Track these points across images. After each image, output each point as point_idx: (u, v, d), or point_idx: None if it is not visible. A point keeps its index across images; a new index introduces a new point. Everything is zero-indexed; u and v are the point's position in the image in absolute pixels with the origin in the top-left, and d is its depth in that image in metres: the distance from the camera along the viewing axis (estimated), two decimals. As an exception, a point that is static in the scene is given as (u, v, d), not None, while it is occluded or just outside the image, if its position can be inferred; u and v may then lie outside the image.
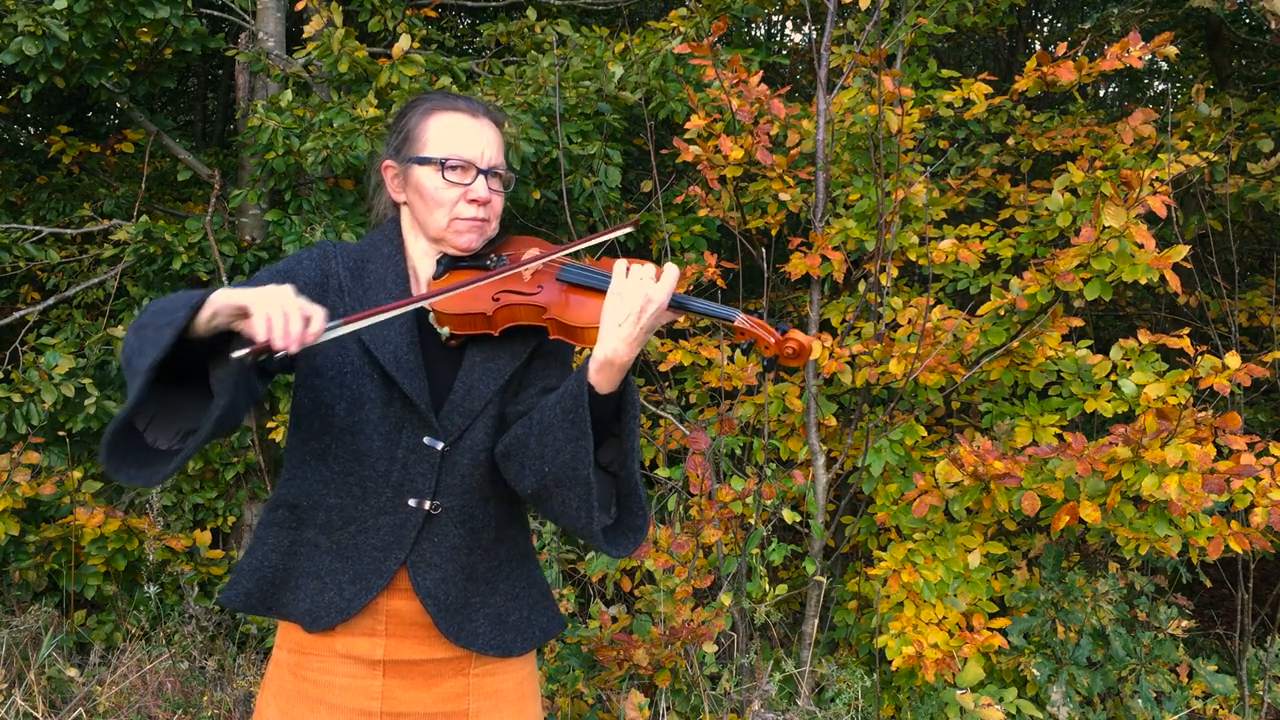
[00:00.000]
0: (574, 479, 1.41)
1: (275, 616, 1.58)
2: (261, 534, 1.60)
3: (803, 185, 3.32)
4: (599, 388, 1.41)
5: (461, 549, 1.55)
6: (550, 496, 1.46)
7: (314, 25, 3.63)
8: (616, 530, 1.48)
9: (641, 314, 1.38)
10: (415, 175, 1.57)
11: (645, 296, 1.38)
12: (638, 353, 1.40)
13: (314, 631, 1.54)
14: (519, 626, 1.61)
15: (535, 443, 1.45)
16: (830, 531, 3.24)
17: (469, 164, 1.55)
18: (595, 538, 1.43)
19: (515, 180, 1.70)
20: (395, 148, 1.62)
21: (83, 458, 3.89)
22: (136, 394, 1.24)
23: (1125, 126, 3.22)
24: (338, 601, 1.53)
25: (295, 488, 1.57)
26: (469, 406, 1.53)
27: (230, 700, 3.10)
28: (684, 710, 2.90)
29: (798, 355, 1.42)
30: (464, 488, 1.54)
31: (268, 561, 1.58)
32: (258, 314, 1.22)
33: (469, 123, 1.58)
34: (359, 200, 3.98)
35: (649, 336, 1.40)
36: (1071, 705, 2.94)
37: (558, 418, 1.42)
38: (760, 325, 1.44)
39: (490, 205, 1.57)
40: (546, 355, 1.60)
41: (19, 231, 3.89)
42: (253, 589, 1.57)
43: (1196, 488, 2.46)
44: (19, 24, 3.25)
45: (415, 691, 1.55)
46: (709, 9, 3.96)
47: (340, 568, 1.53)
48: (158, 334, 1.25)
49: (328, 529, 1.54)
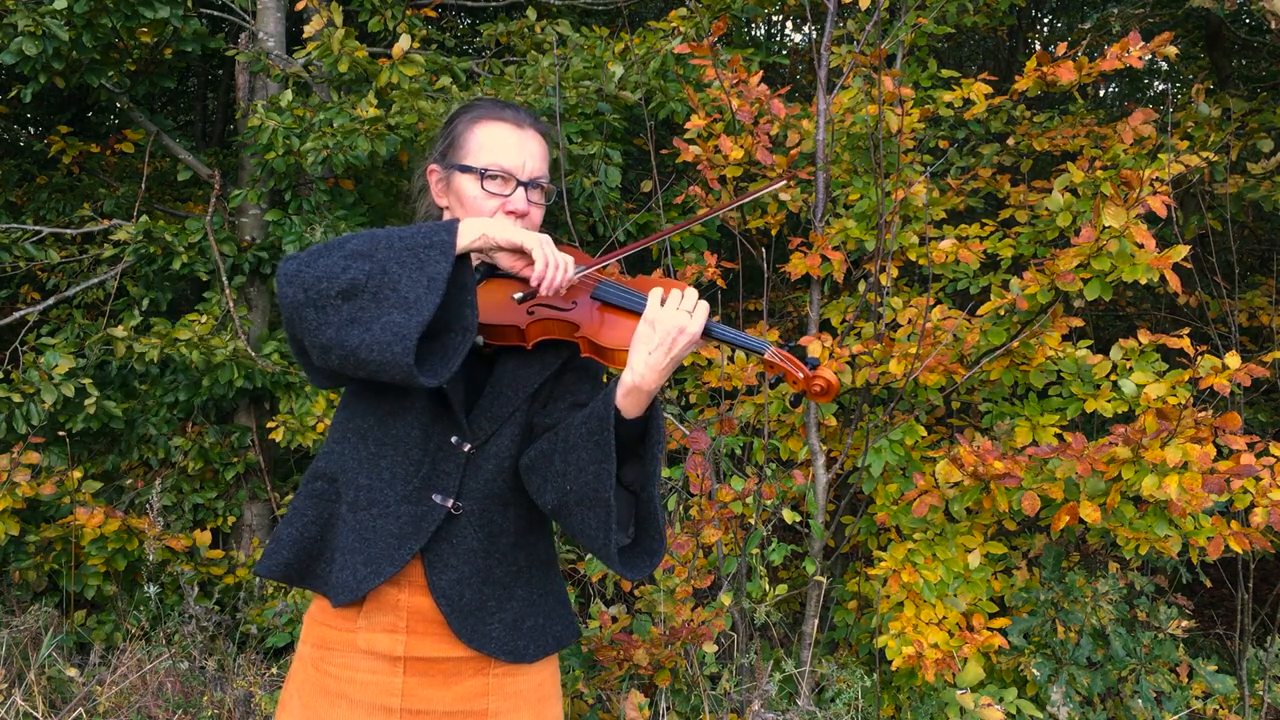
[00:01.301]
0: (594, 500, 1.42)
1: (308, 586, 1.61)
2: (300, 505, 1.62)
3: (803, 185, 3.32)
4: (626, 412, 1.42)
5: (479, 552, 1.56)
6: (570, 514, 1.47)
7: (314, 25, 3.63)
8: (633, 552, 1.49)
9: (674, 345, 1.39)
10: (457, 182, 1.58)
11: (679, 327, 1.39)
12: (666, 380, 1.41)
13: (336, 606, 1.56)
14: (533, 633, 1.62)
15: (559, 460, 1.46)
16: (830, 531, 3.24)
17: (509, 175, 1.56)
18: (611, 559, 1.45)
19: (555, 191, 1.72)
20: (441, 153, 1.63)
21: (82, 458, 3.90)
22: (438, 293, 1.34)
23: (1125, 126, 3.22)
24: (350, 581, 1.54)
25: (333, 461, 1.60)
26: (496, 412, 1.55)
27: (230, 700, 3.10)
28: (684, 710, 2.90)
29: (825, 393, 1.43)
30: (487, 492, 1.55)
31: (308, 533, 1.60)
32: (539, 257, 1.40)
33: (513, 134, 1.58)
34: (359, 200, 3.99)
35: (678, 364, 1.41)
36: (1071, 705, 2.94)
37: (582, 438, 1.43)
38: (789, 360, 1.45)
39: (528, 217, 1.58)
40: (578, 369, 1.61)
41: (19, 231, 3.89)
42: (292, 559, 1.60)
43: (1196, 488, 2.46)
44: (19, 24, 3.25)
45: (435, 689, 1.56)
46: (709, 9, 3.96)
47: (358, 548, 1.55)
48: (426, 252, 1.37)
49: (355, 507, 1.56)
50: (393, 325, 1.33)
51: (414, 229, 1.40)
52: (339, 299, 1.36)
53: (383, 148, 3.53)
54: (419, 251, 1.36)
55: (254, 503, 3.97)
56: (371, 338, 1.33)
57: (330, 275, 1.36)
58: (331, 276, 1.36)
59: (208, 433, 3.86)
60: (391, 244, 1.38)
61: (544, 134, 1.63)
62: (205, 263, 3.81)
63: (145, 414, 3.83)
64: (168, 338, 3.58)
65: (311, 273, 1.37)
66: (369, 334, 1.34)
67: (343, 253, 1.38)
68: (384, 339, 1.32)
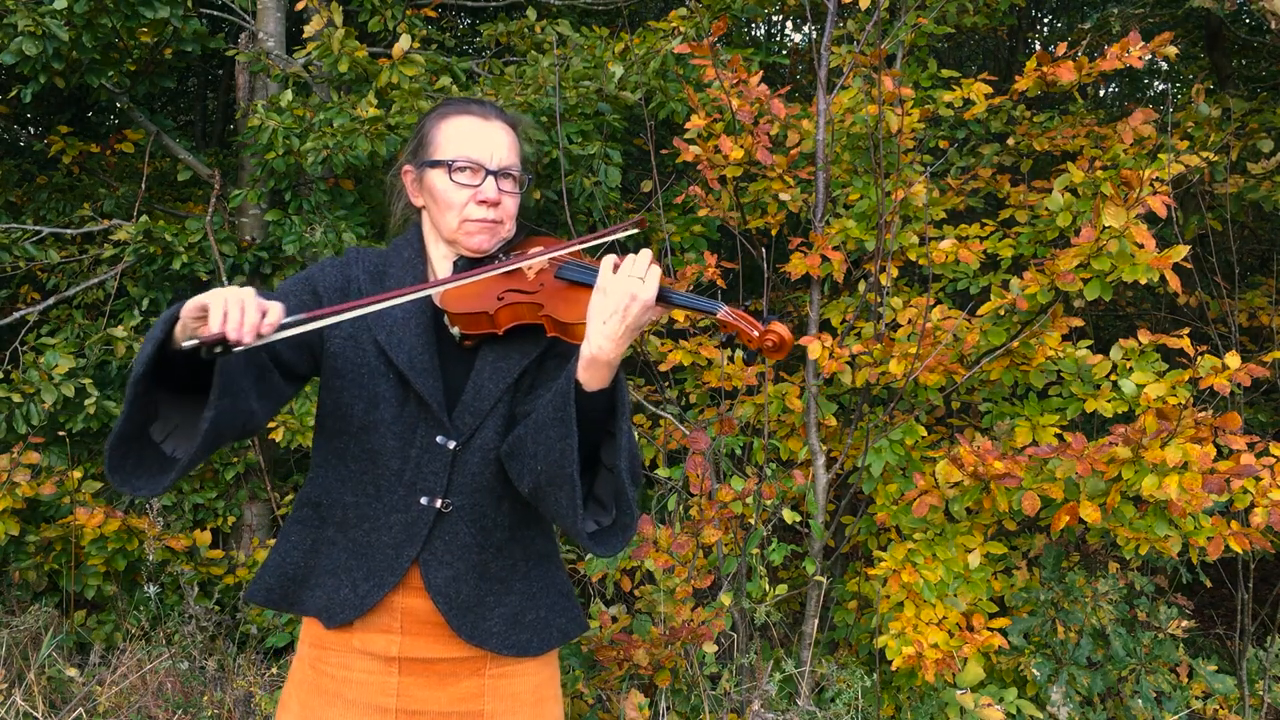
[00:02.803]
0: (561, 477, 1.42)
1: (295, 612, 1.62)
2: (287, 531, 1.63)
3: (803, 185, 3.32)
4: (587, 385, 1.41)
5: (473, 547, 1.56)
6: (545, 496, 1.46)
7: (314, 25, 3.63)
8: (605, 529, 1.47)
9: (626, 312, 1.38)
10: (429, 178, 1.59)
11: (630, 294, 1.38)
12: (624, 350, 1.40)
13: (331, 627, 1.57)
14: (535, 626, 1.62)
15: (530, 442, 1.46)
16: (830, 531, 3.24)
17: (477, 165, 1.57)
18: (581, 537, 1.44)
19: (530, 181, 1.72)
20: (412, 152, 1.65)
21: (82, 458, 3.89)
22: (126, 410, 1.31)
23: (1125, 126, 3.22)
24: (352, 598, 1.55)
25: (317, 487, 1.61)
26: (479, 406, 1.55)
27: (230, 700, 3.10)
28: (684, 710, 2.90)
29: (779, 348, 1.41)
30: (475, 486, 1.56)
31: (290, 559, 1.61)
32: (214, 307, 1.26)
33: (479, 125, 1.60)
34: (359, 200, 3.98)
35: (636, 333, 1.41)
36: (1071, 705, 2.94)
37: (549, 416, 1.43)
38: (743, 318, 1.44)
39: (501, 206, 1.59)
40: (559, 357, 1.61)
41: (19, 231, 3.89)
42: (274, 585, 1.61)
43: (1196, 488, 2.46)
44: (19, 24, 3.25)
45: (430, 690, 1.56)
46: (709, 9, 3.96)
47: (355, 565, 1.56)
48: (142, 350, 1.31)
49: (344, 526, 1.57)
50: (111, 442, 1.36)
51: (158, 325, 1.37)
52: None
53: (383, 148, 3.53)
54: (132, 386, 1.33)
55: (254, 503, 3.97)
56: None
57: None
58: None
59: (208, 433, 3.85)
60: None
61: (512, 125, 1.64)
62: (205, 263, 3.81)
63: (145, 414, 3.83)
64: (168, 338, 3.57)
65: None
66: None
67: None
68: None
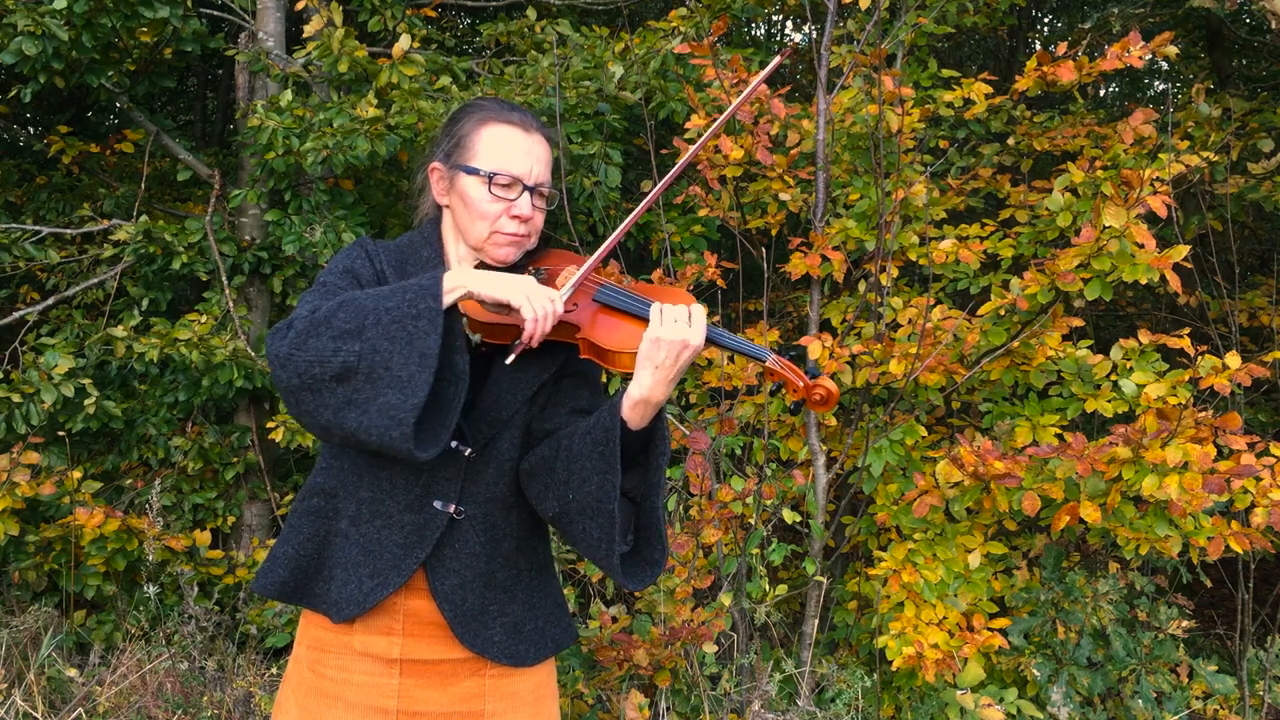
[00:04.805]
0: (597, 510, 1.43)
1: (305, 605, 1.60)
2: (296, 522, 1.61)
3: (803, 185, 3.32)
4: (631, 424, 1.43)
5: (482, 556, 1.56)
6: (572, 523, 1.47)
7: (314, 25, 3.63)
8: (633, 561, 1.49)
9: (679, 359, 1.41)
10: (462, 183, 1.56)
11: (683, 342, 1.40)
12: (672, 391, 1.43)
13: (338, 622, 1.55)
14: (533, 637, 1.62)
15: (561, 469, 1.47)
16: (830, 531, 3.24)
17: (516, 180, 1.55)
18: (613, 570, 1.45)
19: (558, 197, 1.71)
20: (445, 152, 1.60)
21: (82, 458, 3.89)
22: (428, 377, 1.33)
23: (1125, 126, 3.22)
24: (356, 595, 1.54)
25: (331, 477, 1.58)
26: (496, 416, 1.54)
27: (230, 700, 3.10)
28: (684, 710, 2.89)
29: (825, 402, 1.44)
30: (488, 496, 1.56)
31: (303, 551, 1.59)
32: (527, 314, 1.39)
33: (521, 138, 1.57)
34: (359, 200, 3.98)
35: (684, 374, 1.43)
36: (1072, 705, 2.94)
37: (587, 448, 1.44)
38: (789, 368, 1.46)
39: (532, 221, 1.57)
40: (576, 375, 1.61)
41: (19, 231, 3.89)
42: (288, 578, 1.59)
43: (1197, 488, 2.45)
44: (19, 24, 3.25)
45: (431, 691, 1.56)
46: (709, 9, 3.96)
47: (362, 561, 1.55)
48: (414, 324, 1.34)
49: (357, 521, 1.56)
50: (389, 408, 1.32)
51: (399, 295, 1.37)
52: (333, 383, 1.34)
53: (383, 148, 3.53)
54: (407, 324, 1.34)
55: (254, 503, 3.97)
56: (369, 420, 1.33)
57: (321, 360, 1.34)
58: (323, 361, 1.34)
59: (207, 433, 3.86)
60: (379, 318, 1.35)
61: (549, 138, 1.62)
62: (205, 263, 3.81)
63: (145, 414, 3.83)
64: (167, 338, 3.58)
65: (303, 357, 1.34)
66: (366, 417, 1.33)
67: (331, 332, 1.35)
68: (381, 423, 1.32)
